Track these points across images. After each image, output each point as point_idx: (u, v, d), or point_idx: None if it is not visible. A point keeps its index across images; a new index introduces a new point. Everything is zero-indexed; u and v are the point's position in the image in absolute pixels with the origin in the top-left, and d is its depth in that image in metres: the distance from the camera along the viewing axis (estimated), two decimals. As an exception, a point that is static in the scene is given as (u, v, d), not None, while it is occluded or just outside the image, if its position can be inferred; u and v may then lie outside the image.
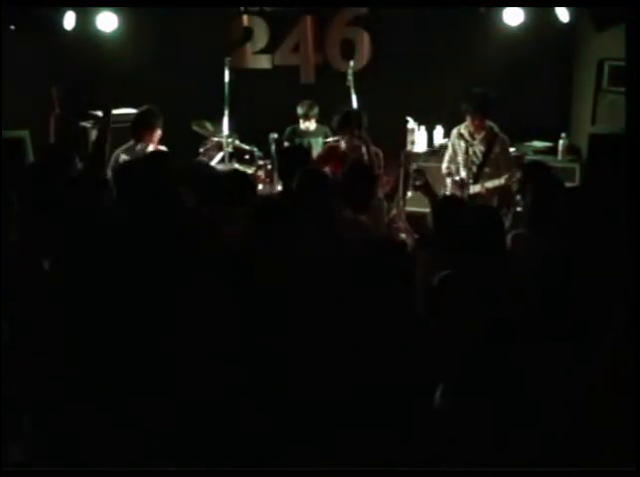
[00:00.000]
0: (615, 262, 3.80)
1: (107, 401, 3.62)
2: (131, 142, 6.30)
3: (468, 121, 6.55)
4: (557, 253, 4.04)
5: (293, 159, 5.47)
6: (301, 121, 7.28)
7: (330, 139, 6.80)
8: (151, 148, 6.36)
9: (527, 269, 3.93)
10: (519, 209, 5.11)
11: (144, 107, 6.51)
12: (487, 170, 6.46)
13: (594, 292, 3.74)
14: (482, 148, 6.50)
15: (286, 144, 7.05)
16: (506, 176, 6.23)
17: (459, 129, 6.67)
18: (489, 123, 6.54)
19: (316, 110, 7.24)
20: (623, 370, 3.25)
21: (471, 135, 6.53)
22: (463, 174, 6.49)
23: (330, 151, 6.62)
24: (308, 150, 6.47)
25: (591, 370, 3.41)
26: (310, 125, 7.28)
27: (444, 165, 6.79)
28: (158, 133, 6.32)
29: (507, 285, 3.69)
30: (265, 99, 7.65)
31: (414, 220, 6.09)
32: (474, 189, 6.39)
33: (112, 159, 6.11)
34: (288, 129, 7.33)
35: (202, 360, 3.58)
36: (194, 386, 3.54)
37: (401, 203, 7.01)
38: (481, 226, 3.88)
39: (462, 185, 6.39)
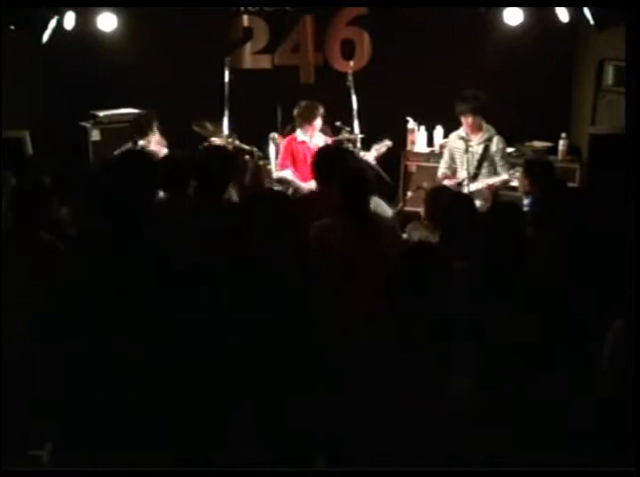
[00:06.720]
0: (616, 262, 3.81)
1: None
2: (129, 144, 6.38)
3: (463, 123, 6.56)
4: (559, 252, 4.05)
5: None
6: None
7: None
8: (153, 147, 6.42)
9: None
10: (525, 208, 5.11)
11: (134, 114, 6.69)
12: (484, 170, 6.51)
13: (595, 292, 3.74)
14: (480, 149, 6.51)
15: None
16: (506, 172, 6.34)
17: (458, 133, 6.68)
18: (485, 125, 6.56)
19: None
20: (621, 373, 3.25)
21: (467, 139, 6.50)
22: (461, 175, 6.49)
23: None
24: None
25: (591, 369, 3.42)
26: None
27: (440, 171, 6.79)
28: (156, 137, 6.45)
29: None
30: (265, 99, 7.64)
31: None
32: (475, 186, 6.38)
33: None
34: (288, 128, 7.33)
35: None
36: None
37: (401, 203, 7.01)
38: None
39: (460, 184, 6.39)
